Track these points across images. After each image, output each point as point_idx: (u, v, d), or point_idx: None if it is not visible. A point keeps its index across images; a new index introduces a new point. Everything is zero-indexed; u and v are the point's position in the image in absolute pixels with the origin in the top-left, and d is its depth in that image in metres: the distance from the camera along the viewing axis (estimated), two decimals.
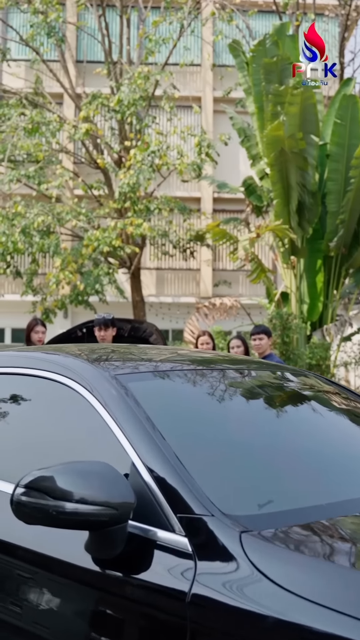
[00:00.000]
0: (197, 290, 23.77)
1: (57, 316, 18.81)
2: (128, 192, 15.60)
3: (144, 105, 16.49)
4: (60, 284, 15.94)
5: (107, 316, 7.40)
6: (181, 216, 18.80)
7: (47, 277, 15.54)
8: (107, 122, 18.30)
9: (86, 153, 18.61)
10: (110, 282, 16.91)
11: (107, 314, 7.41)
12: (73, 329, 8.82)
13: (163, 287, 23.89)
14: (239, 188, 16.34)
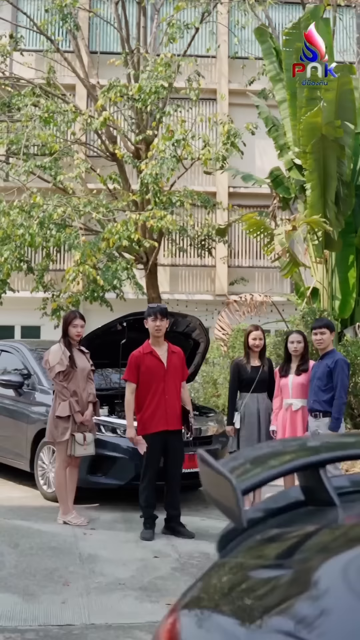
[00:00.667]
0: (212, 288, 23.14)
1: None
2: (151, 183, 14.98)
3: (165, 93, 15.87)
4: (75, 280, 15.29)
5: (163, 305, 6.79)
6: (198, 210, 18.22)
7: (67, 272, 14.86)
8: (123, 112, 17.66)
9: (101, 144, 17.96)
10: (129, 278, 16.23)
11: (162, 304, 6.79)
12: (112, 323, 8.20)
13: (177, 284, 23.26)
14: (265, 180, 15.71)
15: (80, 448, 6.95)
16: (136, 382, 6.75)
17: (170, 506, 6.80)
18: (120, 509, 7.74)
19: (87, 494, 7.69)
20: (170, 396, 6.73)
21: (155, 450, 6.69)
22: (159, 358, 6.77)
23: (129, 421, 6.74)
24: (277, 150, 15.02)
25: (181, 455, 6.86)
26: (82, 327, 7.18)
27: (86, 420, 7.03)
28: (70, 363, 6.98)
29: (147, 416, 6.70)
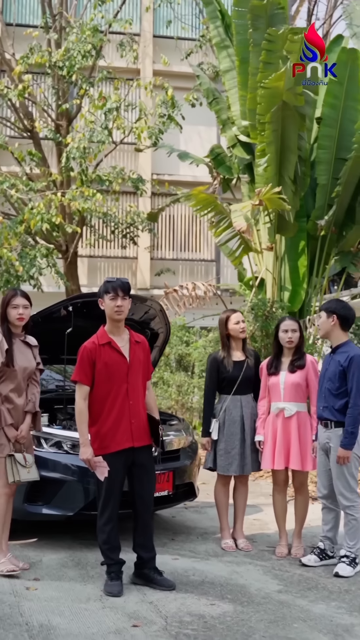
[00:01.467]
0: (134, 281, 21.50)
1: None
2: (78, 158, 13.25)
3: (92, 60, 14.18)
4: None
5: (124, 279, 5.11)
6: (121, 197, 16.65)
7: None
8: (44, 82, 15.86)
9: (17, 120, 16.09)
10: (50, 266, 14.41)
11: (123, 278, 5.13)
12: (54, 306, 6.46)
13: (96, 276, 21.50)
14: (204, 159, 14.22)
15: (24, 471, 5.25)
16: (90, 384, 5.05)
17: (141, 546, 5.11)
18: (65, 545, 6.02)
19: (21, 526, 5.93)
20: (136, 401, 5.08)
21: (119, 474, 5.00)
22: (119, 351, 5.09)
23: (83, 437, 4.99)
24: (219, 125, 13.54)
25: (152, 477, 5.22)
26: (25, 307, 5.38)
27: (21, 437, 5.32)
28: (7, 359, 5.22)
29: (106, 429, 5.01)
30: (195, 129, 21.25)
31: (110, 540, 5.01)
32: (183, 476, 6.45)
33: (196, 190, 11.39)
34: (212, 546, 6.16)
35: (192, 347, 12.92)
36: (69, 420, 6.57)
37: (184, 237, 22.04)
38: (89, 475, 5.76)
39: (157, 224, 19.87)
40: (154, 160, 21.11)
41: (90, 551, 5.83)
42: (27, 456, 5.31)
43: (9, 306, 5.35)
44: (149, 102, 15.72)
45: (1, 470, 5.21)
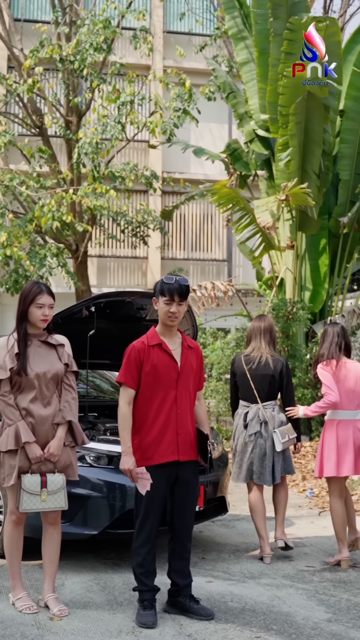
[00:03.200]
0: (144, 281, 21.06)
1: None
2: (90, 154, 12.79)
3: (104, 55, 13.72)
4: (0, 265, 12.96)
5: (183, 281, 4.59)
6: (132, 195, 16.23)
7: None
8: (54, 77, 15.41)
9: (26, 116, 15.64)
10: (60, 266, 13.95)
11: (183, 278, 4.61)
12: (76, 307, 5.98)
13: (105, 277, 21.07)
14: (219, 155, 13.77)
15: (32, 499, 4.43)
16: (136, 387, 4.56)
17: (177, 572, 4.63)
18: (89, 566, 5.55)
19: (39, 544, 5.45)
20: (184, 411, 4.57)
21: (160, 490, 4.50)
22: (170, 354, 4.58)
23: (125, 445, 4.49)
24: (236, 120, 13.09)
25: (195, 497, 4.72)
26: (50, 307, 4.70)
27: (50, 455, 4.53)
28: (19, 366, 4.51)
29: (150, 439, 4.51)
30: (208, 126, 20.83)
31: (145, 564, 4.52)
32: (214, 490, 5.98)
33: (219, 184, 10.95)
34: (246, 566, 5.69)
35: (209, 350, 12.45)
36: (92, 429, 6.11)
37: (196, 236, 21.60)
38: (114, 490, 5.33)
39: (168, 223, 19.46)
40: (165, 158, 20.68)
41: (115, 573, 5.36)
42: (51, 480, 4.49)
43: (32, 304, 4.64)
44: (163, 97, 15.27)
45: (12, 497, 4.55)
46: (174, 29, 21.11)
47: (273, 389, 5.99)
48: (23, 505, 4.41)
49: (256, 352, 6.01)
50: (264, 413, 5.91)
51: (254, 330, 6.08)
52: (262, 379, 5.94)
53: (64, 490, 4.54)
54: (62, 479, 4.55)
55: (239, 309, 13.58)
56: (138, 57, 18.56)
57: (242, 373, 6.01)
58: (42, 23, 15.16)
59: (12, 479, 4.43)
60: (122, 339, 5.53)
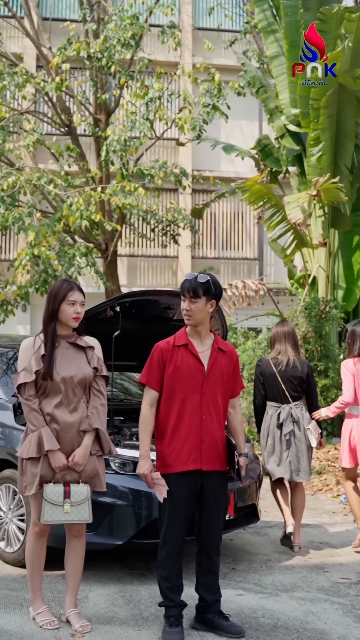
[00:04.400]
0: (174, 281, 20.84)
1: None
2: (118, 151, 12.59)
3: (132, 51, 13.51)
4: (26, 267, 12.81)
5: (201, 278, 4.35)
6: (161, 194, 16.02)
7: (19, 255, 12.38)
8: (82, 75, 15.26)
9: (54, 115, 15.51)
10: (89, 265, 13.78)
11: (203, 275, 4.38)
12: (101, 306, 5.76)
13: (135, 276, 20.90)
14: (250, 151, 13.50)
15: (55, 510, 4.19)
16: (159, 389, 4.34)
17: (205, 587, 4.39)
18: (114, 576, 5.33)
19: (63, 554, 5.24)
20: (210, 417, 4.31)
21: (184, 501, 4.27)
22: (196, 356, 4.34)
23: (143, 448, 4.27)
24: (267, 115, 12.81)
25: (222, 510, 4.44)
26: (82, 305, 4.41)
27: (74, 464, 4.28)
28: (45, 369, 4.27)
29: (172, 445, 4.29)
30: (238, 123, 20.58)
31: (171, 579, 4.29)
32: (245, 497, 5.74)
33: (250, 180, 10.68)
34: (279, 577, 5.44)
35: (240, 350, 12.17)
36: (117, 434, 5.90)
37: (226, 235, 21.34)
38: (140, 498, 5.10)
39: (198, 222, 19.23)
40: (195, 156, 20.46)
41: (142, 584, 5.14)
42: (75, 490, 4.22)
43: (64, 302, 4.34)
44: (192, 94, 15.06)
45: (34, 506, 4.32)
46: (203, 26, 20.87)
47: (301, 390, 6.28)
48: (44, 517, 4.18)
49: (283, 355, 6.27)
50: (296, 412, 6.16)
51: (278, 335, 6.36)
52: (291, 380, 6.22)
53: (89, 501, 4.29)
54: (87, 489, 4.30)
55: (271, 309, 13.30)
56: (167, 54, 18.38)
57: (271, 375, 6.22)
58: (70, 21, 15.00)
59: (33, 487, 4.21)
60: (148, 340, 5.30)
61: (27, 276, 16.23)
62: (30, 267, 13.98)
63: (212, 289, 4.28)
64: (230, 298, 11.11)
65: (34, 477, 4.22)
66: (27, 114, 15.10)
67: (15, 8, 18.20)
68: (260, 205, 10.76)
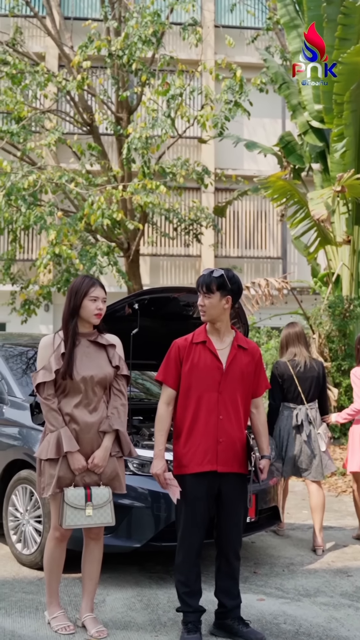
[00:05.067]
0: None
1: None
2: (140, 149, 12.50)
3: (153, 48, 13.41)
4: (48, 266, 12.75)
5: (216, 272, 4.24)
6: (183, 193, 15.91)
7: (40, 254, 12.33)
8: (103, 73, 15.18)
9: (76, 114, 15.45)
10: (111, 264, 13.71)
11: (218, 270, 4.27)
12: (118, 304, 5.65)
13: (158, 276, 20.78)
14: (272, 148, 13.34)
15: (77, 514, 4.07)
16: (175, 387, 4.22)
17: (225, 592, 4.27)
18: (132, 580, 5.22)
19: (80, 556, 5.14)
20: (228, 417, 4.18)
21: (200, 503, 4.15)
22: (214, 353, 4.22)
23: (157, 447, 4.17)
24: (289, 111, 12.65)
25: (240, 513, 4.29)
26: (104, 301, 4.30)
27: (94, 466, 4.16)
28: (65, 368, 4.15)
29: (187, 446, 4.17)
30: (260, 121, 20.42)
31: (189, 583, 4.17)
32: (267, 499, 5.61)
33: (273, 176, 10.50)
34: (301, 582, 5.30)
35: (263, 349, 12.03)
36: (136, 434, 5.79)
37: (249, 233, 21.17)
38: (159, 500, 4.99)
39: (221, 221, 19.09)
40: (217, 155, 20.32)
41: (160, 588, 5.02)
42: (96, 493, 4.11)
43: (85, 297, 4.22)
44: (214, 90, 14.94)
45: (55, 509, 4.19)
46: (225, 23, 20.73)
47: (317, 391, 6.33)
48: (67, 521, 4.05)
49: (299, 357, 6.32)
50: (311, 413, 6.24)
51: (290, 336, 6.42)
52: (309, 381, 6.28)
53: (111, 504, 4.17)
54: (108, 492, 4.18)
55: (294, 308, 13.13)
56: (189, 52, 18.27)
57: (289, 377, 6.25)
58: (92, 20, 14.94)
59: (51, 489, 4.10)
60: (167, 338, 5.18)
61: (50, 276, 16.23)
62: (53, 266, 13.95)
63: (227, 285, 4.15)
64: (253, 297, 10.96)
65: (52, 479, 4.11)
66: (48, 112, 15.07)
67: (37, 7, 18.16)
68: (283, 202, 10.60)
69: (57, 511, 4.14)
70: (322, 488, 6.25)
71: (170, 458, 4.36)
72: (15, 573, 5.25)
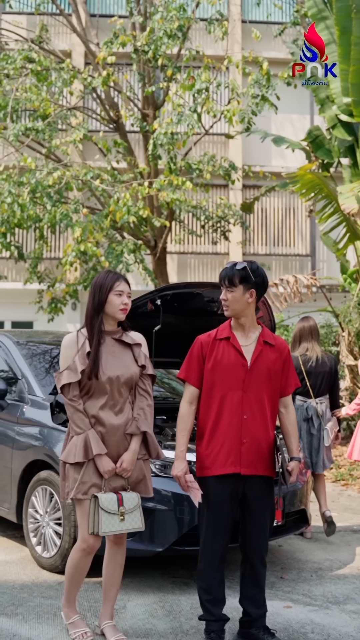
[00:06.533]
0: None
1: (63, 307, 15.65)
2: (165, 145, 12.34)
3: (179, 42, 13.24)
4: (74, 264, 12.63)
5: (231, 268, 4.06)
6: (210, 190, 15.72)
7: (65, 251, 12.23)
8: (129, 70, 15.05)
9: (102, 110, 15.33)
10: (137, 262, 13.58)
11: (241, 262, 4.09)
12: (140, 300, 5.48)
13: (186, 274, 20.61)
14: (300, 143, 13.10)
15: (111, 520, 3.87)
16: (198, 385, 4.05)
17: (250, 600, 4.09)
18: (155, 585, 5.06)
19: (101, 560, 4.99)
20: (253, 416, 3.99)
21: (223, 507, 3.98)
22: (238, 349, 4.03)
23: (179, 448, 4.01)
24: (317, 105, 12.41)
25: (267, 518, 4.11)
26: (129, 296, 4.12)
27: (122, 470, 3.99)
28: (91, 368, 3.96)
29: (210, 447, 3.99)
30: (288, 117, 20.18)
31: (212, 590, 4.00)
32: (294, 502, 5.42)
33: (302, 169, 10.27)
34: (330, 588, 5.10)
35: None
36: (159, 434, 5.63)
37: (278, 231, 20.92)
38: (182, 502, 4.82)
39: (249, 218, 18.88)
40: (245, 151, 20.12)
41: (184, 594, 4.86)
42: (127, 497, 3.93)
43: (111, 292, 4.03)
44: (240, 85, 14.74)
45: (83, 518, 3.92)
46: (251, 18, 20.50)
47: (327, 386, 6.47)
48: (103, 528, 3.83)
49: (311, 352, 6.43)
50: (320, 408, 6.40)
51: (303, 331, 6.52)
52: (320, 376, 6.41)
53: (140, 508, 4.00)
54: (137, 496, 4.01)
55: (323, 305, 12.89)
56: (215, 48, 18.07)
57: (300, 371, 6.32)
58: (118, 17, 14.82)
59: (74, 492, 3.90)
60: (191, 335, 5.01)
61: (76, 274, 16.15)
62: (79, 264, 13.85)
63: (251, 277, 3.96)
64: (281, 294, 10.75)
65: (75, 483, 3.92)
66: (74, 110, 14.96)
67: (63, 5, 18.08)
68: (311, 196, 10.38)
69: (87, 520, 3.90)
70: (323, 480, 6.53)
71: (193, 459, 4.20)
72: (34, 577, 5.12)
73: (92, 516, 3.86)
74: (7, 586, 4.92)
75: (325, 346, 11.65)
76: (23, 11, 18.98)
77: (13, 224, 12.23)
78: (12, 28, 16.18)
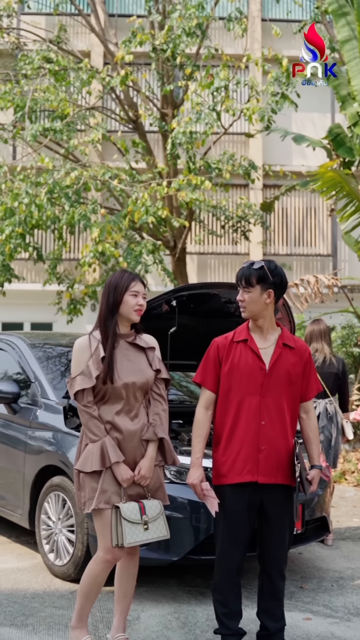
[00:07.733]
0: None
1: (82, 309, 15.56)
2: (184, 144, 12.19)
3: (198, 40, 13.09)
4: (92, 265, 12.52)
5: (248, 268, 3.91)
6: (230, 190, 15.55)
7: (82, 251, 12.12)
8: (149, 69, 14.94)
9: (121, 110, 15.23)
10: (156, 263, 13.43)
11: (259, 261, 3.93)
12: (155, 301, 5.32)
13: (206, 275, 20.46)
14: (321, 141, 12.89)
15: (135, 530, 3.71)
16: (215, 389, 3.90)
17: (267, 613, 3.92)
18: (169, 594, 4.92)
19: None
20: (271, 422, 3.82)
21: (240, 516, 3.82)
22: (256, 352, 3.87)
23: (194, 455, 3.86)
24: (338, 102, 12.19)
25: (286, 529, 3.92)
26: (144, 297, 3.98)
27: (140, 477, 3.82)
28: (106, 373, 3.81)
29: (227, 454, 3.84)
30: (309, 115, 19.98)
31: (228, 603, 3.84)
32: (315, 509, 5.25)
33: (323, 167, 10.08)
34: (352, 599, 4.93)
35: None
36: (174, 439, 5.48)
37: (298, 231, 20.71)
38: (198, 510, 4.67)
39: (269, 218, 18.69)
40: (265, 150, 19.94)
41: (199, 604, 4.71)
42: (149, 505, 3.78)
43: (127, 292, 3.89)
44: (260, 83, 14.57)
45: (105, 528, 3.74)
46: (271, 16, 20.32)
47: (335, 386, 6.60)
48: (127, 539, 3.67)
49: (320, 353, 6.54)
50: (330, 408, 6.48)
51: (314, 333, 6.63)
52: (328, 377, 6.47)
53: (163, 515, 3.84)
54: (159, 503, 3.85)
55: (345, 306, 12.70)
56: (235, 47, 17.92)
57: None
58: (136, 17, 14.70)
59: (93, 504, 3.74)
60: (208, 337, 4.86)
61: (95, 274, 16.05)
62: (98, 265, 13.75)
63: (269, 277, 3.80)
64: (302, 295, 10.57)
65: (93, 492, 3.75)
66: (93, 110, 14.87)
67: (82, 5, 18.00)
68: (332, 195, 10.18)
69: (108, 531, 3.72)
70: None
71: (209, 465, 4.05)
72: (47, 585, 4.99)
73: (115, 527, 3.70)
74: (19, 595, 4.79)
75: (346, 347, 11.46)
76: (41, 12, 18.92)
77: (31, 225, 12.14)
78: (31, 28, 16.12)
